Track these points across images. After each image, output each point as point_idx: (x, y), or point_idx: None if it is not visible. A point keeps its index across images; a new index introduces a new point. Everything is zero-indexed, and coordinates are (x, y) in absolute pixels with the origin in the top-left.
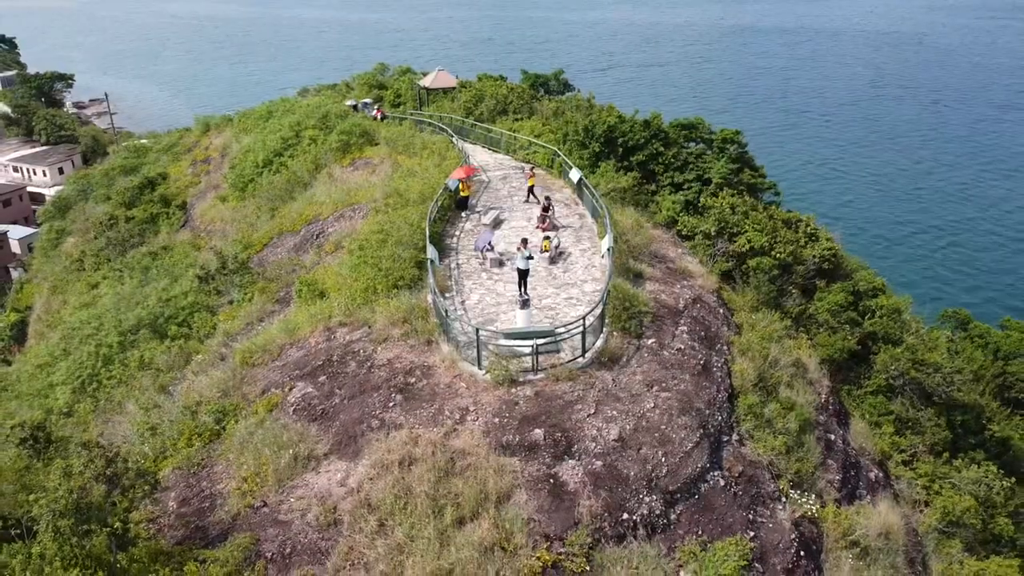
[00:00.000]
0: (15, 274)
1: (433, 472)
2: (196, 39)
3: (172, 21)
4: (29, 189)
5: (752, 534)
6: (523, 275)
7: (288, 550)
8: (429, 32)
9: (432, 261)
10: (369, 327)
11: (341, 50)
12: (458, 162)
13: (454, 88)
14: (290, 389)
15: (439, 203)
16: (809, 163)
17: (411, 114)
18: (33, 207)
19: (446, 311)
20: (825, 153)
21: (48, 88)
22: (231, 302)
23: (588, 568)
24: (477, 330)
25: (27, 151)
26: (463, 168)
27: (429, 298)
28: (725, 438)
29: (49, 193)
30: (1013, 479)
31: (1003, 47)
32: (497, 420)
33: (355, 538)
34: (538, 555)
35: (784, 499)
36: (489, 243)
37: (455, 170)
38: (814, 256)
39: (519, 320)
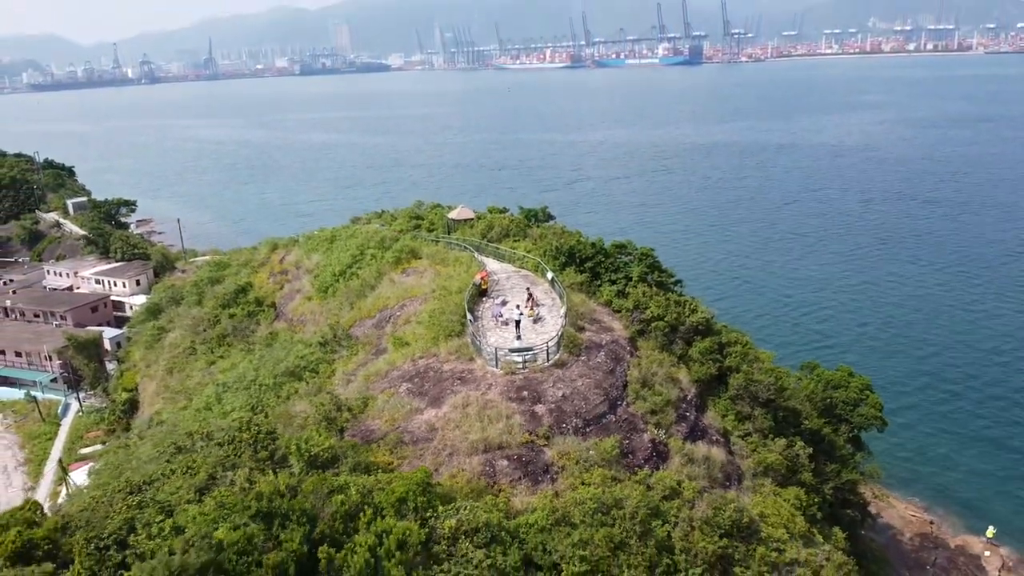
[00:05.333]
0: (110, 366)
1: (477, 407)
2: (220, 163)
3: (196, 146)
4: (112, 298)
5: (627, 441)
6: (517, 323)
7: (415, 439)
8: (424, 153)
9: (470, 321)
10: (437, 356)
11: (347, 169)
12: (478, 269)
13: (472, 219)
14: (399, 387)
15: (469, 293)
16: (734, 256)
17: (442, 238)
18: (114, 313)
19: (479, 343)
20: (750, 249)
21: (115, 212)
22: (341, 357)
23: (547, 444)
24: (496, 350)
25: (105, 266)
26: (482, 272)
27: (469, 339)
28: (619, 403)
29: (131, 301)
30: (812, 448)
31: (936, 155)
32: (506, 388)
33: (444, 432)
34: (524, 437)
35: (648, 432)
36: (500, 313)
37: (477, 274)
38: (693, 321)
39: (516, 345)
